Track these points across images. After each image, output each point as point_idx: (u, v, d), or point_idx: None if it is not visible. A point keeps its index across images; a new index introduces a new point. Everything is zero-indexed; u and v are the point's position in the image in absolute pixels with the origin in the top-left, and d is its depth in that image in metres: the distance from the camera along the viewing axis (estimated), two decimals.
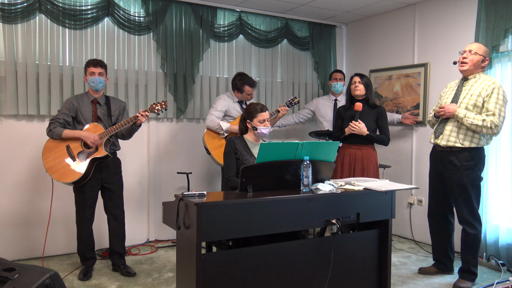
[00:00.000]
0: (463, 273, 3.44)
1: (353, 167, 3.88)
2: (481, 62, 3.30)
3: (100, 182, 3.53)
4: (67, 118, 3.44)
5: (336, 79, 4.76)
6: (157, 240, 4.64)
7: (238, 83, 4.14)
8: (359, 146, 3.88)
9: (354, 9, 4.94)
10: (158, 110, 3.58)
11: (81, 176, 3.34)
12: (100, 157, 3.40)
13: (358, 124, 3.78)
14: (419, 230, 4.62)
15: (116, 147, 3.62)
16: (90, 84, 3.47)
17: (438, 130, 3.44)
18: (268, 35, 5.08)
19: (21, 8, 3.82)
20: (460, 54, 3.38)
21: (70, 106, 3.46)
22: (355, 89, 3.89)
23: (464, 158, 3.32)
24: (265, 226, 2.54)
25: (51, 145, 3.40)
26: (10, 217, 3.93)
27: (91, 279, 3.51)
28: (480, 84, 3.28)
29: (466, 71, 3.34)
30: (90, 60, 3.53)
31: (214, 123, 4.02)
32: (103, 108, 3.54)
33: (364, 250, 2.98)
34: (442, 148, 3.42)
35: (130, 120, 3.42)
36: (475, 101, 3.25)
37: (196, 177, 4.76)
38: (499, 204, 3.90)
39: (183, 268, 2.61)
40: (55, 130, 3.36)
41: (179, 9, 4.54)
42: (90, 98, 3.52)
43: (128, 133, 3.56)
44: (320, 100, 4.90)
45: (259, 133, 3.16)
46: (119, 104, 3.63)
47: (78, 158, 3.38)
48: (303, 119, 4.96)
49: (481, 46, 3.32)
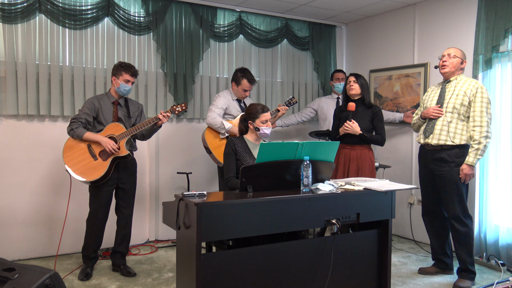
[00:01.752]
0: (462, 272, 3.46)
1: (347, 167, 3.88)
2: (460, 64, 3.46)
3: (116, 182, 3.55)
4: (88, 118, 3.46)
5: (338, 79, 4.78)
6: (157, 240, 4.64)
7: (239, 74, 4.15)
8: (353, 146, 3.88)
9: (354, 9, 4.94)
10: (178, 111, 3.68)
11: (102, 175, 3.36)
12: (121, 156, 3.43)
13: (352, 124, 3.79)
14: (419, 230, 4.62)
15: (133, 148, 3.66)
16: (121, 89, 3.51)
17: (427, 130, 3.50)
18: (268, 35, 5.08)
19: (21, 8, 3.82)
20: (439, 59, 3.52)
21: (92, 106, 3.48)
22: (350, 88, 3.90)
23: (454, 155, 3.38)
24: (265, 226, 2.54)
25: (72, 144, 3.42)
26: (9, 216, 3.93)
27: (91, 279, 3.52)
28: (464, 84, 3.42)
29: (447, 73, 3.48)
30: (129, 66, 3.53)
31: (217, 122, 4.01)
32: (123, 109, 3.59)
33: (364, 250, 2.98)
34: (432, 147, 3.48)
35: (151, 120, 3.48)
36: (462, 100, 3.37)
37: (196, 177, 4.76)
38: (499, 204, 3.90)
39: (183, 268, 2.61)
40: (77, 131, 3.38)
41: (179, 9, 4.54)
42: (111, 99, 3.55)
43: (148, 133, 3.63)
44: (323, 99, 4.92)
45: (262, 134, 3.16)
46: (137, 106, 3.71)
47: (100, 157, 3.40)
48: (306, 118, 4.97)
49: (457, 50, 3.48)
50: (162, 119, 3.48)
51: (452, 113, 3.39)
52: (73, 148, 3.41)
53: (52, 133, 4.04)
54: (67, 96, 4.06)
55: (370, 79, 5.20)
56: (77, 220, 4.07)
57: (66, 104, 4.06)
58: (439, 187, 3.50)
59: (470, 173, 3.35)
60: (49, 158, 4.03)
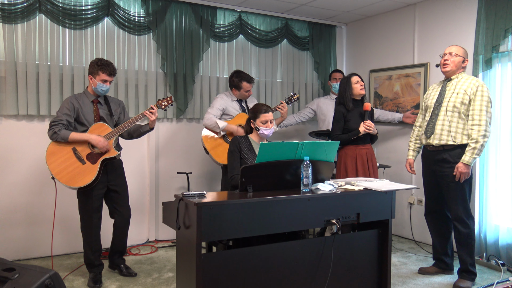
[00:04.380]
0: (462, 272, 3.46)
1: (367, 166, 3.87)
2: (461, 62, 3.42)
3: (106, 185, 3.40)
4: (69, 119, 3.25)
5: (335, 79, 4.76)
6: (157, 240, 4.64)
7: (235, 80, 4.14)
8: (366, 146, 3.90)
9: (354, 9, 4.94)
10: (165, 105, 3.54)
11: (93, 179, 3.21)
12: (110, 157, 3.29)
13: (371, 123, 3.79)
14: (419, 230, 4.62)
15: (120, 148, 3.53)
16: (98, 89, 3.33)
17: (428, 130, 3.49)
18: (268, 35, 5.08)
19: (21, 8, 3.82)
20: (440, 57, 3.49)
21: (71, 106, 3.28)
22: (362, 88, 3.86)
23: (457, 155, 3.36)
24: (265, 226, 2.54)
25: (55, 149, 3.20)
26: (9, 216, 3.93)
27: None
28: (465, 83, 3.38)
29: (449, 72, 3.45)
30: (105, 64, 3.34)
31: (211, 121, 4.01)
32: (104, 108, 3.43)
33: (364, 250, 2.98)
34: (434, 148, 3.46)
35: (137, 118, 3.34)
36: (462, 99, 3.34)
37: (196, 177, 4.76)
38: (499, 204, 3.90)
39: (183, 268, 2.61)
40: (60, 133, 3.16)
41: (179, 9, 4.54)
42: (90, 98, 3.38)
43: (137, 134, 3.49)
44: (321, 100, 4.92)
45: (261, 134, 3.20)
46: (118, 102, 3.56)
47: (88, 161, 3.23)
48: (304, 118, 4.96)
49: (459, 48, 3.44)
50: (149, 115, 3.34)
51: (453, 112, 3.37)
52: (56, 153, 3.19)
53: None
54: (67, 96, 4.05)
55: (370, 79, 5.20)
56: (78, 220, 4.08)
57: None
58: (442, 187, 3.49)
59: (465, 172, 3.31)
60: None
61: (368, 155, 3.88)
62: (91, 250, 3.41)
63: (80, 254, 3.87)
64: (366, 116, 3.81)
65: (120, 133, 3.35)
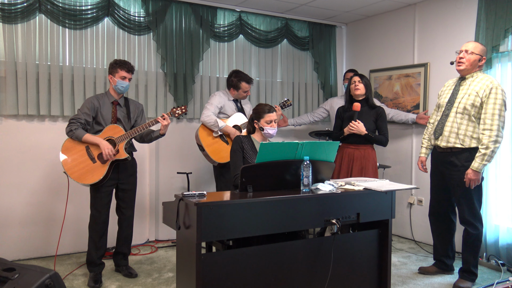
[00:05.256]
0: (463, 273, 3.44)
1: (351, 167, 3.88)
2: (478, 61, 3.26)
3: (116, 182, 3.48)
4: (88, 118, 3.36)
5: (348, 78, 4.75)
6: (157, 240, 4.64)
7: (234, 80, 4.14)
8: (358, 146, 3.88)
9: (354, 9, 4.94)
10: (178, 114, 3.61)
11: (100, 178, 3.30)
12: (120, 159, 3.37)
13: (357, 124, 3.79)
14: (419, 230, 4.62)
15: (133, 149, 3.60)
16: (118, 87, 3.41)
17: (437, 131, 3.44)
18: (268, 35, 5.08)
19: (21, 8, 3.82)
20: (456, 54, 3.35)
21: (92, 105, 3.38)
22: (355, 88, 3.89)
23: (464, 158, 3.30)
24: (265, 226, 2.54)
25: (70, 145, 3.32)
26: (9, 216, 3.93)
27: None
28: (478, 83, 3.25)
29: (463, 71, 3.31)
30: (123, 62, 3.44)
31: (211, 119, 4.00)
32: (123, 110, 3.50)
33: (364, 250, 2.98)
34: (442, 149, 3.41)
35: (150, 123, 3.40)
36: (473, 101, 3.23)
37: (196, 177, 4.76)
38: (499, 204, 3.90)
39: (183, 268, 2.61)
40: (76, 132, 3.27)
41: (179, 9, 4.54)
42: (111, 99, 3.45)
43: (149, 139, 3.56)
44: (335, 100, 4.90)
45: (266, 134, 3.19)
46: (138, 106, 3.62)
47: (99, 160, 3.32)
48: (318, 118, 4.97)
49: (477, 45, 3.28)
50: (162, 121, 3.40)
51: (463, 114, 3.26)
52: (71, 150, 3.32)
53: (52, 133, 4.04)
54: (67, 96, 4.06)
55: (370, 79, 5.19)
56: (77, 220, 4.08)
57: (66, 104, 4.06)
58: (449, 188, 3.46)
59: (474, 179, 3.21)
60: (49, 158, 4.03)
61: (359, 156, 3.86)
62: (95, 248, 3.45)
63: (81, 254, 3.88)
64: (355, 117, 3.82)
65: (132, 137, 3.42)
